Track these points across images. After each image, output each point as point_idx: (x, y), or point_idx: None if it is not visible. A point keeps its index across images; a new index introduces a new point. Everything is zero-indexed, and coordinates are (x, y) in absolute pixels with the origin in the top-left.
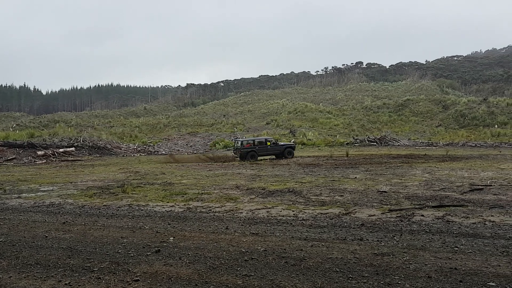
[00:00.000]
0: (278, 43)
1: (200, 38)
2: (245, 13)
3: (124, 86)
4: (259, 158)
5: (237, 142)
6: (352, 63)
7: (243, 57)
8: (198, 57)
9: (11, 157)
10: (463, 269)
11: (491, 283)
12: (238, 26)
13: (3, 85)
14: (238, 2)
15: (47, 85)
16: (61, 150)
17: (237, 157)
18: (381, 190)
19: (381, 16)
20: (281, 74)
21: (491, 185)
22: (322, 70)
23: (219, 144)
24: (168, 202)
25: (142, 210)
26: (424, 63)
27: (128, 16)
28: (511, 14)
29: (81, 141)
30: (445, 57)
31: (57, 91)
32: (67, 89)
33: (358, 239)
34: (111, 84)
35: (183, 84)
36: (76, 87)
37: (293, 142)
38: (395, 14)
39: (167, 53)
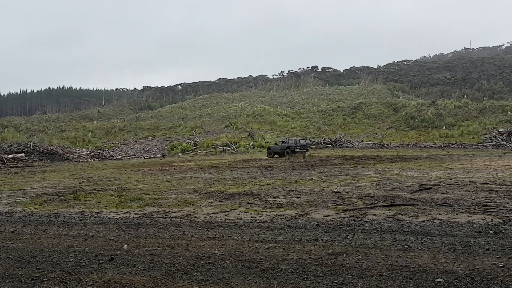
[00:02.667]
0: (240, 48)
1: (164, 43)
2: (212, 20)
3: (76, 89)
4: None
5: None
6: (308, 67)
7: (206, 62)
8: (160, 61)
9: None
10: (413, 266)
11: (439, 279)
12: (203, 33)
13: None
14: (206, 10)
15: None
16: (10, 156)
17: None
18: (335, 190)
19: (337, 24)
20: (239, 77)
21: (439, 185)
22: (279, 74)
23: (177, 148)
24: (123, 208)
25: (95, 217)
26: (376, 67)
27: (93, 20)
28: (457, 21)
29: (31, 146)
30: (395, 61)
31: (5, 95)
32: (16, 93)
33: (313, 239)
34: (63, 87)
35: (139, 87)
36: (26, 91)
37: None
38: (350, 22)
39: (129, 57)
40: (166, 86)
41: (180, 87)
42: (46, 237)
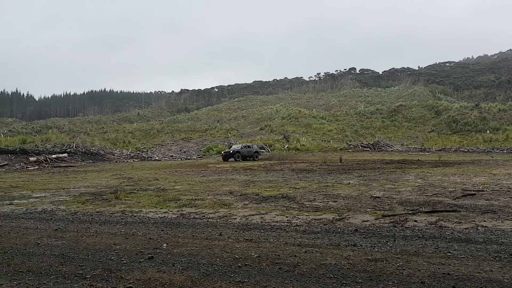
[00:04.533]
0: (279, 51)
1: (207, 46)
2: (256, 25)
3: (117, 91)
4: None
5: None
6: (345, 69)
7: (244, 65)
8: (201, 65)
9: (3, 163)
10: (456, 274)
11: None
12: (245, 36)
13: None
14: (251, 14)
15: (40, 90)
16: (53, 156)
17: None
18: (374, 195)
19: (379, 26)
20: (274, 80)
21: (483, 191)
22: (316, 76)
23: (213, 150)
24: (161, 208)
25: (135, 216)
26: (417, 69)
27: (145, 26)
28: (503, 21)
29: (74, 147)
30: (437, 63)
31: (49, 97)
32: (60, 95)
33: (351, 244)
34: (104, 90)
35: (177, 90)
36: (69, 93)
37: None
38: (391, 23)
39: (172, 61)
40: (202, 88)
41: (216, 89)
42: (89, 235)
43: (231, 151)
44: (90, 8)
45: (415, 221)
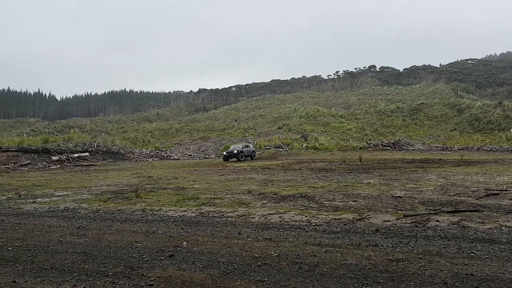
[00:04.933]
0: (301, 50)
1: (225, 45)
2: (276, 24)
3: (137, 91)
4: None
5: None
6: (364, 67)
7: (263, 64)
8: (219, 64)
9: (26, 162)
10: (479, 275)
11: None
12: (266, 35)
13: (18, 91)
14: (271, 11)
15: (62, 91)
16: (75, 155)
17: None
18: (395, 195)
19: (400, 23)
20: (292, 78)
21: (507, 190)
22: (334, 74)
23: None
24: (181, 207)
25: (155, 214)
26: (438, 66)
27: (167, 26)
28: None
29: (95, 146)
30: (459, 60)
31: (71, 97)
32: (81, 95)
33: (372, 244)
34: (124, 90)
35: (195, 89)
36: (90, 93)
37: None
38: (412, 20)
39: (191, 61)
40: (220, 88)
41: (234, 88)
42: (110, 233)
43: (235, 151)
44: (111, 10)
45: (437, 221)
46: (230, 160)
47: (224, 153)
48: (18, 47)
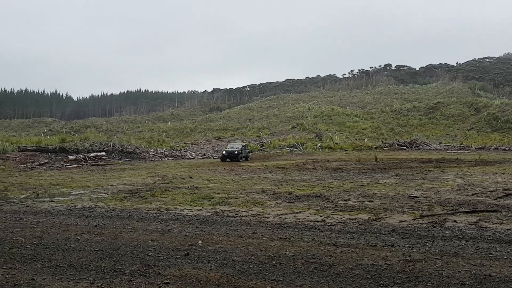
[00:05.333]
0: (316, 49)
1: (242, 45)
2: (293, 21)
3: (152, 91)
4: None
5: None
6: (380, 66)
7: (277, 63)
8: (237, 64)
9: (43, 162)
10: (498, 276)
11: None
12: (281, 34)
13: (35, 92)
14: (288, 11)
15: (78, 91)
16: (92, 154)
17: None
18: (412, 195)
19: (416, 21)
20: (306, 77)
21: None
22: (349, 73)
23: None
24: (195, 206)
25: (170, 213)
26: (455, 65)
27: (186, 26)
28: None
29: (111, 146)
30: (476, 58)
31: (87, 97)
32: (97, 95)
33: (389, 245)
34: (140, 90)
35: (209, 89)
36: (106, 93)
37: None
38: (428, 18)
39: (207, 61)
40: (234, 87)
41: (247, 88)
42: (127, 231)
43: (235, 151)
44: (129, 10)
45: (455, 221)
46: (227, 160)
47: (224, 152)
48: (35, 49)
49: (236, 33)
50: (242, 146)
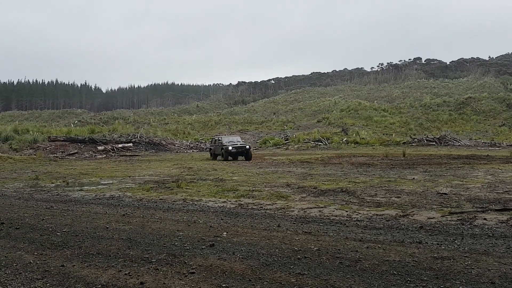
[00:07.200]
0: (349, 43)
1: (277, 40)
2: (330, 17)
3: (178, 84)
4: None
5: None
6: (409, 59)
7: (306, 56)
8: (269, 59)
9: (73, 152)
10: None
11: None
12: (317, 30)
13: (65, 83)
14: (326, 7)
15: (107, 83)
16: (120, 145)
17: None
18: (441, 192)
19: (447, 15)
20: (333, 71)
21: None
22: (378, 66)
23: (269, 142)
24: (220, 198)
25: (196, 204)
26: (487, 59)
27: (226, 22)
28: None
29: (138, 137)
30: (510, 53)
31: (115, 89)
32: (125, 87)
33: (416, 242)
34: (166, 83)
35: (234, 82)
36: (134, 86)
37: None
38: (459, 11)
39: (242, 56)
40: (259, 81)
41: (272, 81)
42: (154, 221)
43: (247, 146)
44: (173, 6)
45: (485, 219)
46: (229, 159)
47: (230, 148)
48: (79, 43)
49: (271, 29)
50: (237, 140)
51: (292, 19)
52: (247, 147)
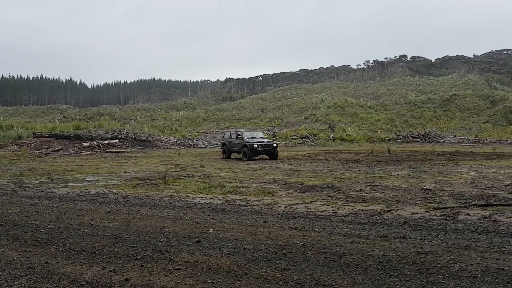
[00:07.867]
0: (331, 40)
1: (274, 37)
2: (334, 14)
3: (165, 80)
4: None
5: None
6: (395, 56)
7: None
8: (261, 56)
9: (58, 148)
10: (511, 270)
11: None
12: (317, 27)
13: (50, 79)
14: (329, 4)
15: (92, 79)
16: (105, 142)
17: None
18: (425, 187)
19: (432, 12)
20: (320, 68)
21: None
22: (364, 63)
23: None
24: (207, 194)
25: (182, 201)
26: (472, 57)
27: (226, 18)
28: None
29: (124, 133)
30: (494, 50)
31: (101, 85)
32: (111, 83)
33: (400, 236)
34: (153, 79)
35: (222, 78)
36: (120, 81)
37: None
38: (445, 9)
39: (242, 52)
40: (247, 77)
41: (260, 78)
42: (139, 217)
43: (274, 144)
44: (173, 2)
45: (468, 214)
46: (254, 158)
47: (255, 145)
48: (80, 40)
49: (263, 28)
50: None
51: (284, 19)
52: (274, 145)
